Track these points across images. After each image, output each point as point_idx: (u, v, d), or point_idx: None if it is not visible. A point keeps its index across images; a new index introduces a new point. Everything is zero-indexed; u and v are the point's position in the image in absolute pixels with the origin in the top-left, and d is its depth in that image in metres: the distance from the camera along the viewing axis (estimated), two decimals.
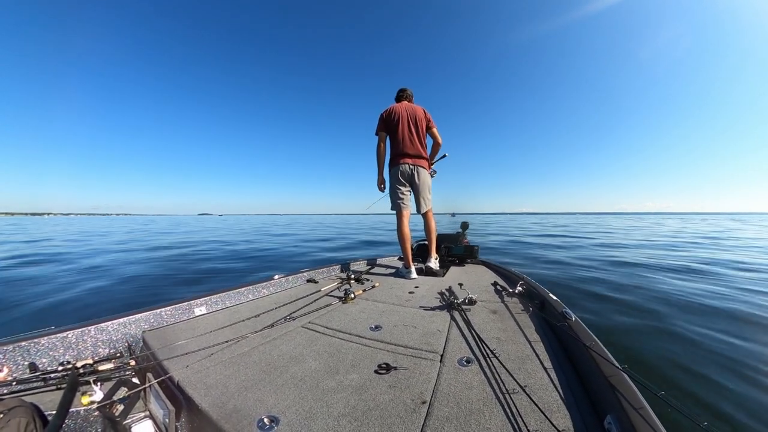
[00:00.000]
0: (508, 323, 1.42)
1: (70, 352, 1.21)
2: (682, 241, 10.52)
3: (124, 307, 1.79)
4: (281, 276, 2.18)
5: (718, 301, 3.31)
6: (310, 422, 0.78)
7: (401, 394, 0.88)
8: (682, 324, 2.67)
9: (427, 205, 2.65)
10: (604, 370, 0.85)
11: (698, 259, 6.28)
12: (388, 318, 1.51)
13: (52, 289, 4.21)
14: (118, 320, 1.34)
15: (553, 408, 0.81)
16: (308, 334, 1.34)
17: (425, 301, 1.80)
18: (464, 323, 1.40)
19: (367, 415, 0.80)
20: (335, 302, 1.78)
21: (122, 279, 4.93)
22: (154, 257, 7.41)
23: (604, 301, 3.44)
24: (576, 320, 1.21)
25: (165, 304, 1.53)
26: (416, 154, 2.58)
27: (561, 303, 1.45)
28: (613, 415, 0.73)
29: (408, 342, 1.23)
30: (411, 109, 2.62)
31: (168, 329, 1.43)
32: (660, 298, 3.47)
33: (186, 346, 1.23)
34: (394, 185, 2.63)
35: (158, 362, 1.12)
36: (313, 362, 1.09)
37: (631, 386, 0.77)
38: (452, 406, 0.83)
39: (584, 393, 0.90)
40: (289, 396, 0.89)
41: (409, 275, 2.44)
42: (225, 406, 0.86)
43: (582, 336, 1.07)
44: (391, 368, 1.01)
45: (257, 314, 1.58)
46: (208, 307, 1.69)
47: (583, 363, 0.98)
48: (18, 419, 0.82)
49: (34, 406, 0.88)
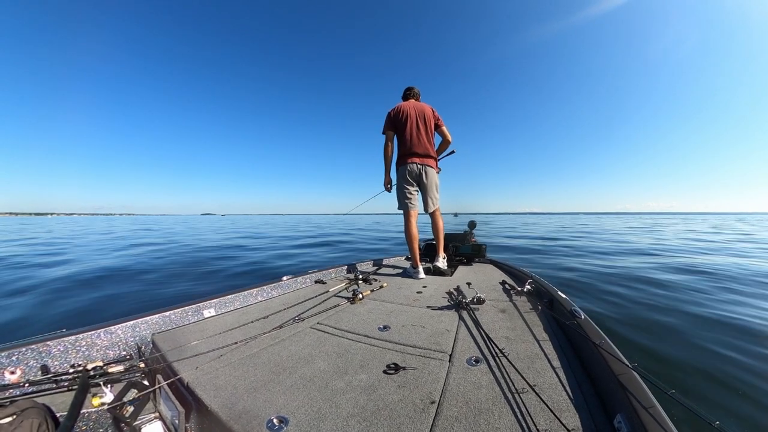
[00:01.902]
0: (516, 322, 1.41)
1: (81, 354, 1.22)
2: (726, 241, 9.47)
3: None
4: (290, 277, 2.19)
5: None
6: (319, 423, 0.78)
7: (410, 394, 0.88)
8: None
9: (435, 205, 2.63)
10: (614, 369, 0.84)
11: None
12: (397, 318, 1.51)
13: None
14: (128, 323, 1.35)
15: (562, 407, 0.81)
16: (317, 335, 1.34)
17: (433, 300, 1.80)
18: (473, 322, 1.39)
19: (376, 415, 0.80)
20: (343, 303, 1.77)
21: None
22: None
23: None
24: (585, 318, 1.21)
25: (174, 307, 1.54)
26: (424, 153, 2.56)
27: (570, 301, 1.44)
28: (623, 414, 0.72)
29: (416, 342, 1.23)
30: (419, 107, 2.59)
31: (177, 331, 1.43)
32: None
33: (195, 347, 1.24)
34: (401, 184, 2.60)
35: (168, 364, 1.13)
36: (322, 363, 1.09)
37: (642, 385, 0.76)
38: (461, 406, 0.83)
39: (594, 392, 0.89)
40: (299, 397, 0.89)
41: (417, 275, 2.43)
42: (234, 407, 0.86)
43: (591, 334, 1.07)
44: (400, 368, 1.01)
45: (266, 315, 1.58)
46: (217, 308, 1.70)
47: (593, 361, 0.98)
48: (31, 420, 0.83)
49: (46, 407, 0.88)
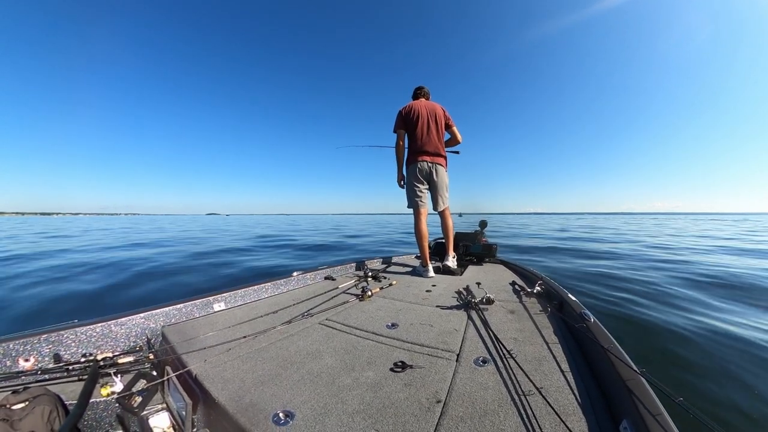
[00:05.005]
0: (525, 323, 1.39)
1: (93, 344, 1.24)
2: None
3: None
4: (299, 273, 2.20)
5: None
6: (324, 418, 0.78)
7: (416, 392, 0.88)
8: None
9: (445, 203, 2.63)
10: (621, 374, 0.83)
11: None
12: (405, 316, 1.50)
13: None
14: (139, 315, 1.37)
15: (568, 411, 0.79)
16: (325, 331, 1.34)
17: (442, 299, 1.78)
18: (481, 323, 1.37)
19: (382, 413, 0.80)
20: (352, 300, 1.78)
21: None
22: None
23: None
24: (595, 322, 1.19)
25: (184, 300, 1.56)
26: (435, 151, 2.56)
27: (580, 304, 1.42)
28: (629, 419, 0.71)
29: (424, 341, 1.22)
30: (431, 106, 2.60)
31: (187, 324, 1.45)
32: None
33: (204, 340, 1.25)
34: (411, 183, 2.60)
35: (177, 356, 1.14)
36: (330, 359, 1.09)
37: (649, 391, 0.75)
38: (467, 406, 0.82)
39: (601, 396, 0.88)
40: (305, 391, 0.89)
41: (426, 274, 2.42)
42: (241, 400, 0.86)
43: (600, 338, 1.05)
44: (407, 366, 1.01)
45: (275, 310, 1.59)
46: (227, 303, 1.71)
47: (601, 365, 0.96)
48: (42, 407, 0.84)
49: (56, 395, 0.90)
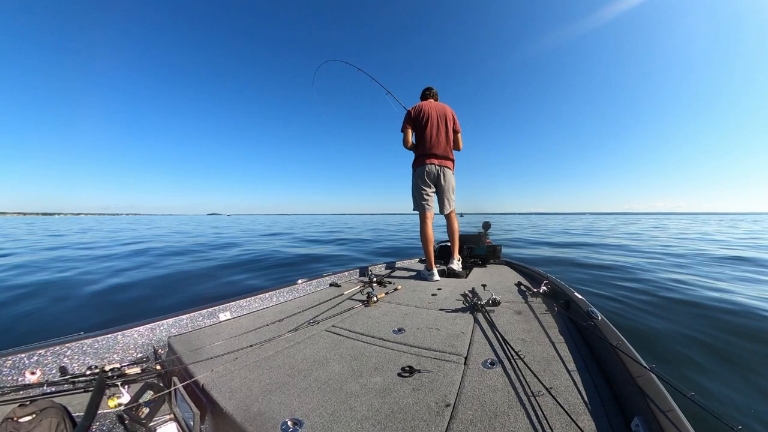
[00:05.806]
0: (532, 324, 1.38)
1: (98, 356, 1.24)
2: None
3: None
4: (304, 281, 2.20)
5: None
6: (333, 425, 0.78)
7: (425, 397, 0.87)
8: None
9: (451, 206, 2.62)
10: (631, 371, 0.83)
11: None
12: (411, 320, 1.50)
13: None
14: (144, 326, 1.37)
15: (579, 410, 0.79)
16: (331, 338, 1.34)
17: (448, 303, 1.78)
18: (488, 325, 1.37)
19: (391, 419, 0.79)
20: (358, 306, 1.77)
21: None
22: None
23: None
24: (602, 319, 1.18)
25: (190, 310, 1.55)
26: (443, 155, 2.54)
27: (586, 302, 1.42)
28: (640, 417, 0.70)
29: (431, 344, 1.21)
30: (441, 108, 2.58)
31: (193, 334, 1.44)
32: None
33: (211, 350, 1.24)
34: (418, 185, 2.58)
35: (184, 366, 1.14)
36: (337, 366, 1.08)
37: (660, 387, 0.74)
38: (476, 409, 0.81)
39: (611, 394, 0.87)
40: (313, 399, 0.89)
41: (431, 277, 2.40)
42: (249, 410, 0.86)
43: (609, 335, 1.04)
44: (415, 371, 1.00)
45: (281, 318, 1.59)
46: (233, 312, 1.71)
47: (610, 363, 0.96)
48: (49, 419, 0.84)
49: (63, 407, 0.89)
